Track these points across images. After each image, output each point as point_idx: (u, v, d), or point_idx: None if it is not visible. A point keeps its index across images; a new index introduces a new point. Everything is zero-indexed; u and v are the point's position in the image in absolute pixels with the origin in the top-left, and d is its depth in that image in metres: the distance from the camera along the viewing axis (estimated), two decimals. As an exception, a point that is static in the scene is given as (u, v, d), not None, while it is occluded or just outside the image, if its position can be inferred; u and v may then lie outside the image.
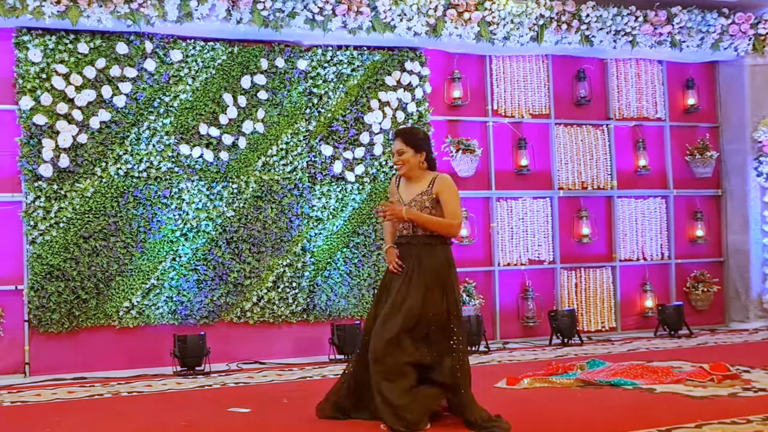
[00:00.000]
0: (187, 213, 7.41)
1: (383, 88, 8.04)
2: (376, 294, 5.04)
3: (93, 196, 7.15)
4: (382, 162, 7.98)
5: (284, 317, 7.67)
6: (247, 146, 7.61)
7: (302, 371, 6.99)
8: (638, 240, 9.12)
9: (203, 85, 7.53)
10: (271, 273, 7.61)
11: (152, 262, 7.30)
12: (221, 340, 7.40)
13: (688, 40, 8.83)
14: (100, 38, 7.22)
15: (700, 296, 9.19)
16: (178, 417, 5.21)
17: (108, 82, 7.23)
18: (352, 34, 7.70)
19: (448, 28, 7.94)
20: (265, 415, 5.24)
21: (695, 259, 9.33)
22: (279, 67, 7.72)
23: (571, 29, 8.36)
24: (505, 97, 8.65)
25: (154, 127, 7.36)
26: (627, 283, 9.04)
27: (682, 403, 5.24)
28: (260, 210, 7.61)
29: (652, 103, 9.23)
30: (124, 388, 6.35)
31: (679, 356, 7.11)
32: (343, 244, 7.85)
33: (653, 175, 9.20)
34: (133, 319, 7.25)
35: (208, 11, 7.19)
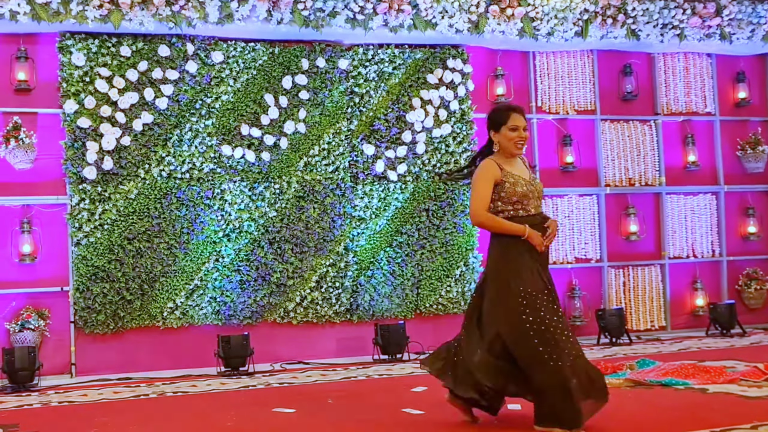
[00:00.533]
0: (229, 214, 7.41)
1: (425, 86, 7.97)
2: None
3: (136, 198, 7.19)
4: (425, 161, 7.91)
5: (327, 317, 7.63)
6: (288, 146, 7.59)
7: (346, 371, 6.95)
8: (688, 237, 8.94)
9: (244, 86, 7.53)
10: (314, 273, 7.58)
11: (195, 262, 7.31)
12: (265, 341, 7.39)
13: (738, 32, 8.62)
14: (142, 41, 7.26)
15: (753, 294, 8.99)
16: (224, 417, 5.20)
17: (150, 85, 7.27)
18: (393, 32, 7.65)
19: (491, 24, 7.84)
20: (310, 415, 5.20)
21: (747, 257, 9.13)
22: (320, 66, 7.69)
23: (616, 23, 8.21)
24: (549, 93, 8.54)
25: (196, 128, 7.38)
26: (677, 281, 8.87)
27: (737, 403, 5.09)
28: (302, 210, 7.58)
29: (701, 97, 9.04)
30: (169, 389, 6.36)
31: (732, 356, 6.93)
32: (386, 244, 7.79)
33: (703, 170, 9.01)
34: (177, 319, 7.27)
35: (249, 12, 7.19)
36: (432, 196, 7.92)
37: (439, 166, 7.95)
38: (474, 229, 8.01)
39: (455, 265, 7.95)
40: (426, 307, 7.89)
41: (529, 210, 4.60)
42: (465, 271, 7.96)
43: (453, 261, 7.94)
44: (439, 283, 7.91)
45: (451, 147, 8.01)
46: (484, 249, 8.02)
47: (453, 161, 7.99)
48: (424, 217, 7.88)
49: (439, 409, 5.20)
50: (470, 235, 7.98)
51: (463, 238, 7.96)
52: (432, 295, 7.90)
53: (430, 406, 5.29)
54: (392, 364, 7.26)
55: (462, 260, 7.96)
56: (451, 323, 8.02)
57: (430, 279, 7.88)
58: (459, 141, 8.03)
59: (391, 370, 6.91)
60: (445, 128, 7.98)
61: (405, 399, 5.57)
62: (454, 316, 8.02)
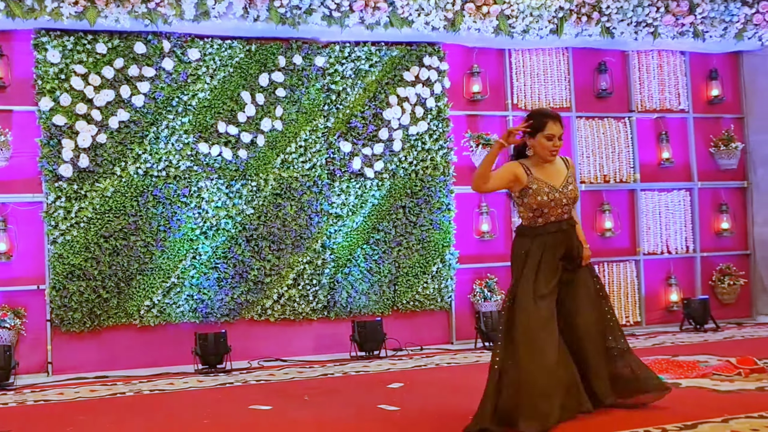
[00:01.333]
0: (206, 211, 7.41)
1: (402, 84, 8.00)
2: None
3: (113, 196, 7.17)
4: (402, 158, 7.94)
5: (305, 314, 7.65)
6: (265, 144, 7.59)
7: (323, 368, 6.98)
8: (662, 233, 9.01)
9: (221, 84, 7.53)
10: (292, 270, 7.60)
11: (172, 260, 7.31)
12: (242, 338, 7.40)
13: (711, 30, 8.70)
14: (118, 38, 7.24)
15: (726, 290, 9.07)
16: (200, 415, 5.21)
17: (126, 82, 7.24)
18: (369, 29, 7.66)
19: (467, 22, 7.87)
20: (286, 412, 5.23)
21: (721, 252, 9.21)
22: (297, 64, 7.70)
23: (591, 21, 8.27)
24: (524, 90, 8.57)
25: (173, 126, 7.36)
26: (651, 277, 8.94)
27: (709, 397, 5.17)
28: (280, 207, 7.59)
29: (674, 94, 9.11)
30: (146, 387, 6.37)
31: (706, 350, 7.01)
32: (363, 241, 7.82)
33: (677, 167, 9.08)
34: (154, 317, 7.26)
35: (225, 9, 7.17)
36: (409, 194, 7.95)
37: (416, 163, 7.98)
38: (451, 226, 8.05)
39: (432, 262, 7.99)
40: (403, 304, 7.93)
41: (549, 218, 4.70)
42: (441, 268, 8.00)
43: (430, 258, 7.98)
44: (416, 280, 7.95)
45: (428, 144, 8.04)
46: (463, 246, 8.12)
47: (429, 158, 8.02)
48: (401, 214, 7.92)
49: (414, 405, 5.25)
50: (447, 232, 8.02)
51: (440, 235, 8.00)
52: (409, 292, 7.93)
53: (405, 403, 5.33)
54: (369, 360, 7.30)
55: (438, 257, 8.00)
56: (427, 320, 8.08)
57: (407, 276, 7.92)
58: (435, 138, 8.07)
59: (368, 367, 6.95)
60: (422, 125, 8.02)
61: (381, 395, 5.61)
62: (431, 312, 8.07)
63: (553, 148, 4.64)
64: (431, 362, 7.10)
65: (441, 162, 8.07)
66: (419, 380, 6.23)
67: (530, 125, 4.65)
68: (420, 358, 7.31)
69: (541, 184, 4.64)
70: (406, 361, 7.22)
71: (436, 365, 6.96)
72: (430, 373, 6.63)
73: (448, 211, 8.05)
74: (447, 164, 8.09)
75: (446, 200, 8.04)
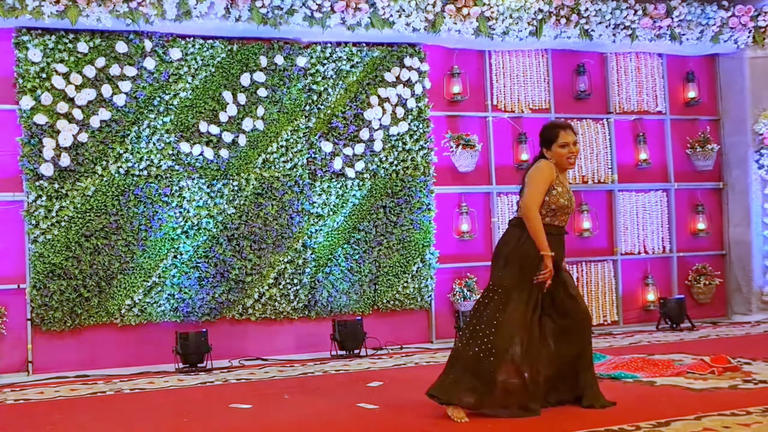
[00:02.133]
0: (187, 210, 7.43)
1: (383, 84, 8.05)
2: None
3: (94, 195, 7.17)
4: (382, 158, 7.99)
5: (286, 314, 7.69)
6: (247, 143, 7.62)
7: (303, 367, 7.02)
8: (639, 233, 9.12)
9: (203, 83, 7.55)
10: (273, 270, 7.63)
11: (153, 259, 7.32)
12: (223, 337, 7.43)
13: (687, 33, 8.82)
14: (100, 37, 7.24)
15: (702, 289, 9.19)
16: (180, 414, 5.24)
17: (108, 81, 7.25)
18: (350, 30, 7.71)
19: (447, 23, 7.94)
20: (266, 410, 5.27)
21: (697, 252, 9.33)
22: (278, 64, 7.73)
23: (570, 23, 8.36)
24: (504, 92, 8.64)
25: (155, 125, 7.38)
26: (628, 277, 9.05)
27: (683, 395, 5.25)
28: (261, 207, 7.62)
29: (652, 96, 9.22)
30: (126, 386, 6.38)
31: (681, 349, 7.10)
32: (344, 241, 7.87)
33: (654, 168, 9.19)
34: (135, 316, 7.28)
35: (207, 9, 7.20)
36: (389, 193, 8.00)
37: (396, 163, 8.04)
38: (431, 226, 8.11)
39: (412, 262, 8.05)
40: (383, 303, 7.98)
41: (563, 221, 4.94)
42: (422, 267, 8.07)
43: (410, 257, 8.04)
44: (396, 279, 8.01)
45: (408, 144, 8.10)
46: (443, 246, 8.18)
47: (410, 159, 8.08)
48: (382, 213, 7.97)
49: (393, 404, 5.30)
50: (427, 231, 8.08)
51: (420, 235, 8.06)
52: (389, 291, 7.99)
53: (385, 401, 5.38)
54: (350, 359, 7.34)
55: (419, 256, 8.06)
56: (407, 319, 8.14)
57: (387, 275, 7.97)
58: (416, 138, 8.13)
59: (348, 366, 7.00)
60: (402, 126, 8.07)
61: (361, 394, 5.66)
62: (411, 311, 8.13)
63: (570, 154, 4.89)
64: (411, 361, 7.16)
65: (421, 162, 8.13)
66: (399, 379, 6.28)
67: (545, 138, 4.92)
68: (400, 357, 7.37)
69: (563, 188, 4.88)
70: (386, 359, 7.27)
71: (415, 364, 7.02)
72: (409, 371, 6.69)
73: (428, 211, 8.11)
74: (427, 164, 8.15)
75: (426, 200, 8.11)
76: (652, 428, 4.40)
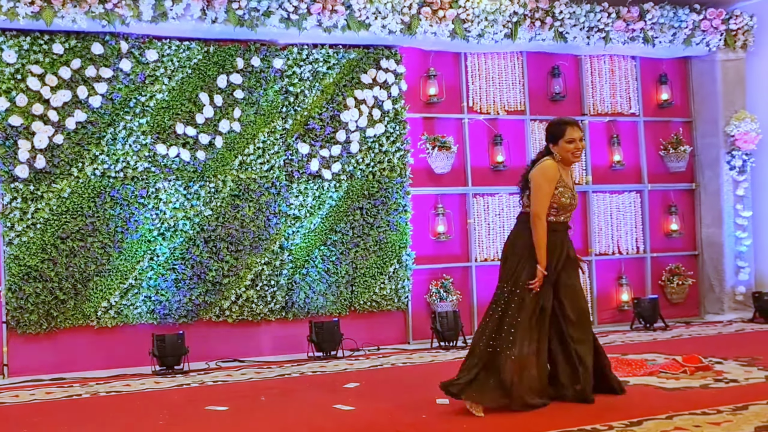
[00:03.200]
0: (164, 212, 7.42)
1: (359, 86, 8.08)
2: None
3: (70, 197, 7.15)
4: (359, 159, 8.02)
5: (263, 315, 7.70)
6: (223, 145, 7.62)
7: (281, 369, 7.03)
8: (614, 234, 9.20)
9: (179, 85, 7.54)
10: (250, 271, 7.64)
11: (130, 261, 7.31)
12: (200, 339, 7.42)
13: (660, 36, 8.92)
14: (75, 38, 7.21)
15: (675, 289, 9.29)
16: (156, 416, 5.25)
17: (83, 83, 7.23)
18: (327, 32, 7.73)
19: (423, 25, 7.98)
20: (242, 412, 5.28)
21: (670, 253, 9.43)
22: (255, 66, 7.74)
23: (544, 26, 8.43)
24: (480, 94, 8.70)
25: (131, 127, 7.36)
26: (603, 277, 9.13)
27: (655, 394, 5.32)
28: (238, 209, 7.63)
29: (626, 98, 9.31)
30: (102, 388, 6.37)
31: (655, 349, 7.19)
32: (321, 242, 7.89)
33: (628, 169, 9.28)
34: (111, 319, 7.26)
35: (183, 11, 7.19)
36: (366, 195, 8.03)
37: (373, 164, 8.07)
38: (407, 227, 8.15)
39: (389, 263, 8.08)
40: (360, 305, 8.01)
41: (560, 219, 5.14)
42: (398, 269, 8.10)
43: (386, 259, 8.08)
44: (373, 281, 8.04)
45: (385, 146, 8.14)
46: (420, 247, 8.22)
47: (386, 160, 8.11)
48: (358, 215, 8.00)
49: (369, 405, 5.33)
50: (403, 233, 8.12)
51: (397, 236, 8.10)
52: (366, 293, 8.02)
53: (361, 402, 5.42)
54: (326, 361, 7.37)
55: (395, 258, 8.10)
56: (384, 320, 8.18)
57: (364, 276, 8.00)
58: (392, 140, 8.16)
59: (324, 367, 7.02)
60: (379, 128, 8.10)
61: (337, 395, 5.69)
62: (388, 312, 8.17)
63: (576, 150, 5.11)
64: (387, 362, 7.20)
65: (398, 164, 8.16)
66: (375, 380, 6.32)
67: (553, 134, 5.13)
68: (377, 358, 7.41)
69: (566, 188, 5.09)
70: (362, 361, 7.31)
71: (392, 365, 7.05)
72: (386, 372, 6.72)
73: (404, 212, 8.15)
74: (404, 166, 8.19)
75: (403, 202, 8.15)
76: (624, 428, 4.47)
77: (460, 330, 7.86)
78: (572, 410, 4.89)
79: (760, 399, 4.98)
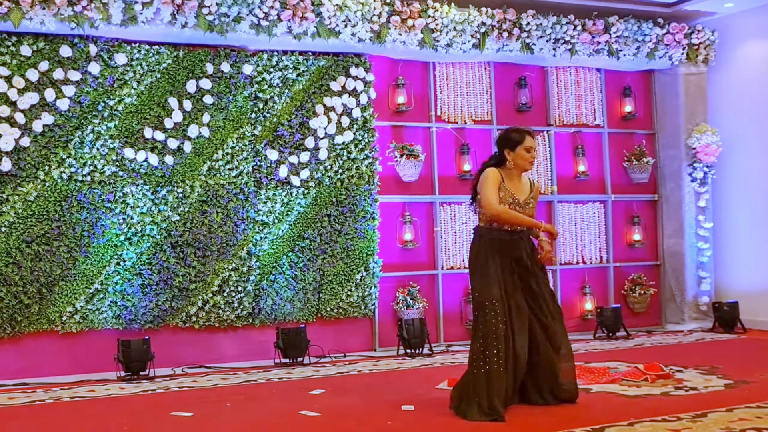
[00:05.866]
0: (131, 217, 7.39)
1: (328, 94, 8.12)
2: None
3: (36, 200, 7.10)
4: (327, 166, 8.05)
5: (230, 321, 7.69)
6: (192, 150, 7.61)
7: (247, 375, 7.03)
8: (578, 244, 9.31)
9: (148, 89, 7.52)
10: (217, 277, 7.63)
11: (96, 266, 7.26)
12: (167, 345, 7.39)
13: (624, 49, 9.07)
14: (44, 41, 7.17)
15: (637, 299, 9.42)
16: (120, 422, 5.22)
17: (51, 85, 7.18)
18: (297, 39, 7.76)
19: (392, 34, 8.05)
20: (206, 418, 5.28)
21: (633, 263, 9.55)
22: (225, 71, 7.74)
23: (512, 37, 8.54)
24: (448, 103, 8.77)
25: (99, 130, 7.32)
26: (567, 286, 9.22)
27: (616, 402, 5.41)
28: (206, 214, 7.62)
29: (591, 110, 9.44)
30: (66, 394, 6.32)
31: (617, 357, 7.29)
32: (289, 249, 7.90)
33: (592, 180, 9.40)
34: (76, 324, 7.20)
35: (153, 15, 7.18)
36: (334, 202, 8.07)
37: (341, 172, 8.10)
38: (375, 235, 8.19)
39: (356, 270, 8.12)
40: (327, 311, 8.04)
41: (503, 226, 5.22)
42: (365, 276, 8.14)
43: (354, 266, 8.11)
44: (340, 288, 8.07)
45: (353, 154, 8.18)
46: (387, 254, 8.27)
47: (355, 168, 8.15)
48: (326, 222, 8.03)
49: (334, 412, 5.36)
50: (371, 240, 8.16)
51: (364, 243, 8.14)
52: (333, 300, 8.05)
53: (326, 409, 5.44)
54: (293, 367, 7.37)
55: (362, 265, 8.14)
56: (351, 327, 8.20)
57: (331, 283, 8.03)
58: (361, 148, 8.21)
59: (291, 374, 7.03)
60: (348, 135, 8.14)
61: (303, 402, 5.71)
62: (355, 320, 8.20)
63: (531, 158, 5.26)
64: (354, 369, 7.23)
65: (366, 171, 8.21)
66: (341, 387, 6.34)
67: (512, 140, 5.26)
68: (343, 365, 7.43)
69: (507, 194, 5.20)
70: (329, 367, 7.33)
71: (358, 372, 7.08)
72: (352, 379, 6.75)
73: (372, 219, 8.20)
74: (372, 174, 8.24)
75: (370, 209, 8.19)
76: (586, 434, 4.55)
77: (426, 337, 7.91)
78: (533, 418, 4.96)
79: (719, 407, 5.09)
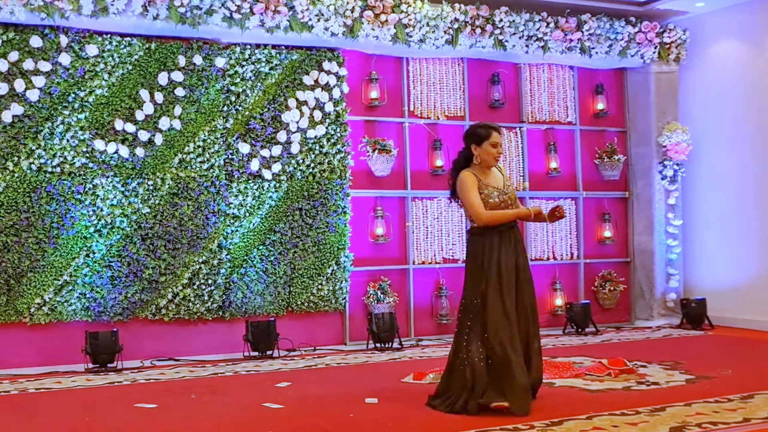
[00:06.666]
0: (101, 209, 7.37)
1: (301, 88, 8.12)
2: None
3: (4, 191, 7.06)
4: (299, 160, 8.06)
5: (200, 314, 7.69)
6: (163, 143, 7.60)
7: (215, 368, 7.04)
8: (549, 240, 9.37)
9: (119, 81, 7.50)
10: (187, 270, 7.63)
11: (65, 258, 7.24)
12: (136, 338, 7.38)
13: (597, 47, 9.13)
14: (14, 31, 7.13)
15: (607, 295, 9.49)
16: (83, 413, 5.23)
17: (21, 76, 7.15)
18: (269, 33, 7.76)
19: (365, 29, 8.06)
20: (170, 410, 5.30)
21: (603, 259, 9.62)
22: (197, 64, 7.73)
23: (485, 33, 8.58)
24: (421, 98, 8.80)
25: (69, 122, 7.30)
26: (538, 282, 8.97)
27: (578, 396, 5.47)
28: (176, 207, 7.61)
29: (563, 107, 9.49)
30: (32, 385, 6.31)
31: (584, 352, 7.35)
32: (260, 242, 7.91)
33: (564, 177, 9.46)
34: (45, 315, 7.19)
35: (124, 6, 7.16)
36: (305, 196, 8.08)
37: (313, 166, 8.12)
38: (346, 229, 8.21)
39: (327, 264, 8.14)
40: (298, 305, 8.05)
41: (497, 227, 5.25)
42: (336, 270, 8.16)
43: (325, 260, 8.13)
44: (311, 282, 8.08)
45: (325, 148, 8.19)
46: (358, 249, 8.29)
47: (327, 162, 8.17)
48: (298, 216, 8.04)
49: (298, 404, 5.39)
50: (342, 234, 8.18)
51: (335, 238, 8.16)
52: (304, 293, 8.06)
53: (291, 401, 5.47)
54: (262, 360, 7.39)
55: (334, 259, 8.16)
56: (321, 321, 8.23)
57: (302, 277, 8.05)
58: (333, 142, 8.22)
59: (259, 367, 7.05)
60: (320, 129, 8.15)
61: (268, 394, 5.73)
62: (325, 313, 8.22)
63: (497, 154, 5.32)
64: (322, 362, 7.25)
65: (338, 166, 8.23)
66: (308, 379, 6.38)
67: (478, 136, 5.31)
68: (312, 359, 7.46)
69: (491, 189, 5.28)
70: (297, 361, 7.35)
71: (326, 365, 7.11)
72: (319, 372, 6.78)
73: (343, 214, 8.22)
74: (344, 168, 8.26)
75: (342, 203, 8.21)
76: (545, 427, 4.60)
77: (395, 332, 7.95)
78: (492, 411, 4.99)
79: (677, 401, 5.17)
